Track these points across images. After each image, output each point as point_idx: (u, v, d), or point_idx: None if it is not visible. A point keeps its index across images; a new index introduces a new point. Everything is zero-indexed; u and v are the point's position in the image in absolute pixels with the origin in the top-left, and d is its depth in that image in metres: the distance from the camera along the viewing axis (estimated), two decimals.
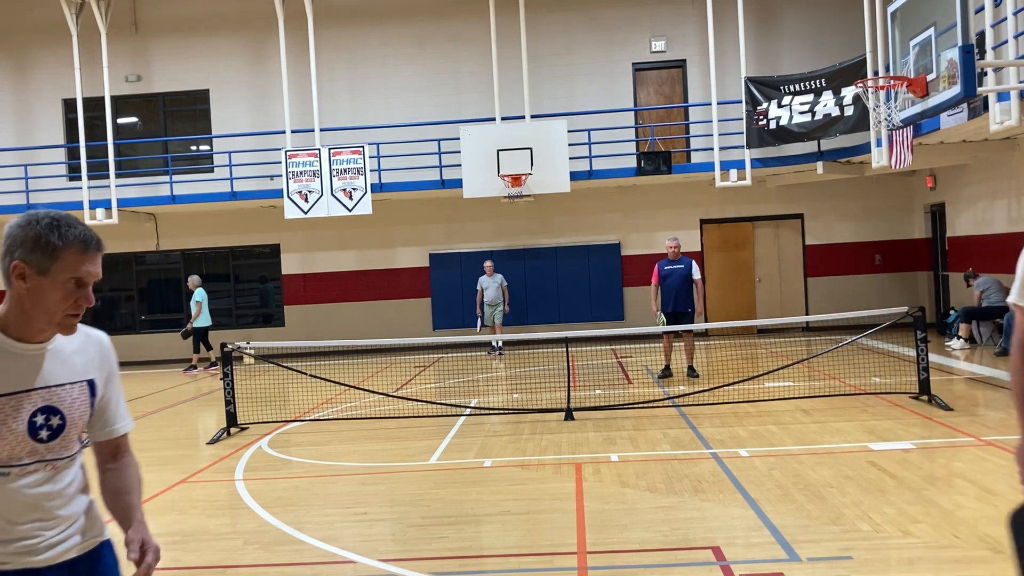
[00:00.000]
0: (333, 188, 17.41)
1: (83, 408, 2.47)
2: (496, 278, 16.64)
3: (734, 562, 5.07)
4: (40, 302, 2.27)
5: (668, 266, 12.68)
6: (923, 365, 9.63)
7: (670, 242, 12.85)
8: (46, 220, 2.27)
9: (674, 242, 12.82)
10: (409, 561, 5.40)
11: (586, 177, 17.83)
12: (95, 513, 2.63)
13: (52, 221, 2.27)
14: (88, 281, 2.32)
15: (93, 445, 2.63)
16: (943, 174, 17.05)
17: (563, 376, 13.04)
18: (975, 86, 8.42)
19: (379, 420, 10.52)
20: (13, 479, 2.34)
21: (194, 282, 17.19)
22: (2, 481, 2.33)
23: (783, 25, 18.95)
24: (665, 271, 12.67)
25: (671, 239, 12.94)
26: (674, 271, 12.60)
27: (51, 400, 2.37)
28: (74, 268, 2.28)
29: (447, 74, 19.33)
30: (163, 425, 11.35)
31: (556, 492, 6.83)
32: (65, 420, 2.40)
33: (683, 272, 12.55)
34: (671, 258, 12.72)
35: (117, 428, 2.65)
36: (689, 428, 9.06)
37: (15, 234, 2.27)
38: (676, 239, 12.94)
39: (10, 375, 2.30)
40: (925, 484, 6.50)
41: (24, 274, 2.25)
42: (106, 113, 18.21)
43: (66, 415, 2.41)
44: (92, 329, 2.57)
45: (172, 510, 6.98)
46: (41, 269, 2.25)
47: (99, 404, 2.55)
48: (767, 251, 19.37)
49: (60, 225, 2.27)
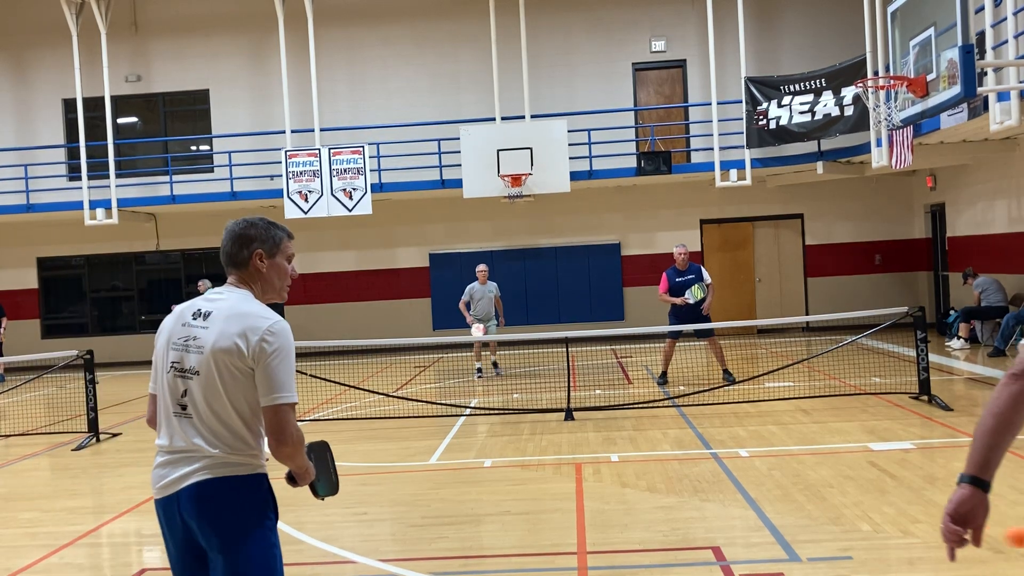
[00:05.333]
0: (333, 188, 17.41)
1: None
2: (490, 287, 13.72)
3: (734, 562, 5.07)
4: (271, 278, 3.19)
5: (679, 278, 11.80)
6: (923, 365, 9.63)
7: (678, 249, 11.92)
8: (262, 222, 3.23)
9: (682, 248, 11.90)
10: (409, 561, 5.40)
11: (586, 177, 17.83)
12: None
13: (268, 221, 3.25)
14: (292, 259, 3.30)
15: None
16: (943, 174, 17.05)
17: (563, 376, 13.04)
18: (975, 86, 8.41)
19: (379, 420, 10.52)
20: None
21: (205, 285, 17.09)
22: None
23: (783, 25, 18.95)
24: (676, 284, 11.79)
25: (679, 246, 11.99)
26: (685, 283, 11.73)
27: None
28: (286, 251, 3.25)
29: (447, 74, 19.33)
30: None
31: (556, 492, 6.83)
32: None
33: (689, 284, 11.74)
34: (679, 267, 11.85)
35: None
36: (689, 428, 9.06)
37: (249, 233, 3.17)
38: (684, 246, 12.01)
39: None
40: (925, 484, 6.50)
41: (262, 258, 3.16)
42: (106, 113, 18.21)
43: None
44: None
45: None
46: (270, 254, 3.18)
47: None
48: (767, 251, 19.37)
49: (272, 224, 3.26)
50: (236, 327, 2.94)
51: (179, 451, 2.95)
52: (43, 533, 6.53)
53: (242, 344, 2.91)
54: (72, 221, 18.98)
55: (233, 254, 3.16)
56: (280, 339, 2.96)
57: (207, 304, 3.07)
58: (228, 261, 3.19)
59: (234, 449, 2.93)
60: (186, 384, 2.96)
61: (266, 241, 3.18)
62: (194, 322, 3.02)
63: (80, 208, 18.22)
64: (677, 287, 11.81)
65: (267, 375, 2.90)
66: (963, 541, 2.41)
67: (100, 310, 20.84)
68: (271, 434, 2.92)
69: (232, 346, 2.90)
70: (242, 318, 2.97)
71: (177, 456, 2.95)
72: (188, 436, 2.93)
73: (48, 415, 12.50)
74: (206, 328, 2.97)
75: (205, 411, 2.92)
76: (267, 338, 2.92)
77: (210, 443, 2.91)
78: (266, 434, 2.95)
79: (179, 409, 2.96)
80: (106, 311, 20.85)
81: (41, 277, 20.58)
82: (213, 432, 2.91)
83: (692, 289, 11.67)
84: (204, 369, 2.92)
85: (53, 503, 7.47)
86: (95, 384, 10.16)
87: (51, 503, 7.48)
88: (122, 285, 20.72)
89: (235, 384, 2.91)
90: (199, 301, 3.12)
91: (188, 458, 2.92)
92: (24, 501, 7.60)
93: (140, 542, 6.42)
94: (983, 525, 2.29)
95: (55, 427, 11.15)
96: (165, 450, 2.99)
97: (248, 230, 3.17)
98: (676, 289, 11.81)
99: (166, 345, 3.06)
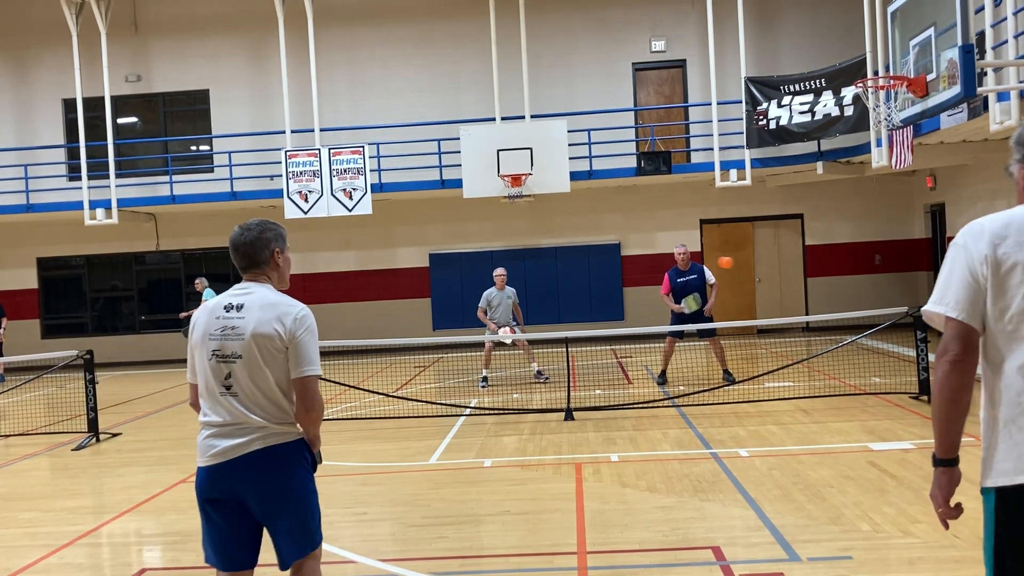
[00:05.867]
0: (333, 188, 17.41)
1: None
2: (508, 292, 12.92)
3: (734, 562, 5.07)
4: (285, 270, 3.72)
5: (680, 278, 11.76)
6: (923, 365, 9.63)
7: (679, 249, 11.88)
8: (271, 223, 3.74)
9: (683, 248, 11.86)
10: (409, 561, 5.41)
11: (586, 177, 17.83)
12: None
13: (272, 222, 3.76)
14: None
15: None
16: (943, 174, 17.05)
17: (563, 376, 13.04)
18: (975, 86, 8.41)
19: (379, 420, 10.52)
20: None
21: (202, 283, 17.09)
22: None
23: (783, 25, 18.95)
24: (678, 284, 11.74)
25: (679, 246, 11.96)
26: (688, 284, 11.70)
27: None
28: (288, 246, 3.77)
29: (447, 74, 19.33)
30: (163, 425, 11.35)
31: (556, 492, 6.83)
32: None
33: (697, 284, 11.71)
34: (681, 267, 11.80)
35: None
36: (689, 428, 9.06)
37: (267, 235, 3.67)
38: (684, 245, 11.97)
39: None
40: (925, 484, 6.49)
41: (278, 254, 3.68)
42: (106, 113, 18.21)
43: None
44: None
45: (172, 510, 6.99)
46: (283, 250, 3.72)
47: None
48: (767, 251, 19.37)
49: (276, 223, 3.77)
50: (271, 314, 3.49)
51: (228, 424, 3.48)
52: (43, 533, 6.53)
53: (279, 328, 3.47)
54: (72, 221, 18.98)
55: (254, 255, 3.63)
56: (307, 321, 3.54)
57: (236, 298, 3.57)
58: (249, 262, 3.65)
59: (276, 419, 3.49)
60: (229, 367, 3.48)
61: (280, 239, 3.72)
62: (228, 314, 3.53)
63: (80, 208, 18.22)
64: (679, 287, 11.78)
65: (298, 352, 3.47)
66: (960, 511, 2.64)
67: (100, 310, 20.83)
68: (301, 401, 3.49)
69: (271, 331, 3.46)
70: (274, 307, 3.52)
71: (227, 429, 3.48)
72: (235, 411, 3.47)
73: (48, 415, 12.50)
74: (243, 318, 3.50)
75: (249, 388, 3.47)
76: (297, 322, 3.50)
77: (256, 415, 3.47)
78: (296, 401, 3.51)
79: (224, 389, 3.49)
80: (106, 311, 20.84)
81: (41, 277, 20.59)
82: (258, 405, 3.47)
83: (687, 300, 11.67)
84: (246, 352, 3.46)
85: (53, 503, 7.47)
86: (95, 384, 10.15)
87: (51, 503, 7.48)
88: (122, 285, 20.71)
89: (274, 363, 3.47)
90: (226, 297, 3.60)
91: (238, 430, 3.47)
92: (24, 501, 7.60)
93: (140, 542, 6.42)
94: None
95: (55, 427, 11.15)
96: (213, 425, 3.51)
97: (265, 233, 3.66)
98: (678, 290, 11.78)
99: (203, 337, 3.54)
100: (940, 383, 2.56)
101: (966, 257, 2.55)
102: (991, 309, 2.53)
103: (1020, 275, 2.49)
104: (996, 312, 2.52)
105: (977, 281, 2.53)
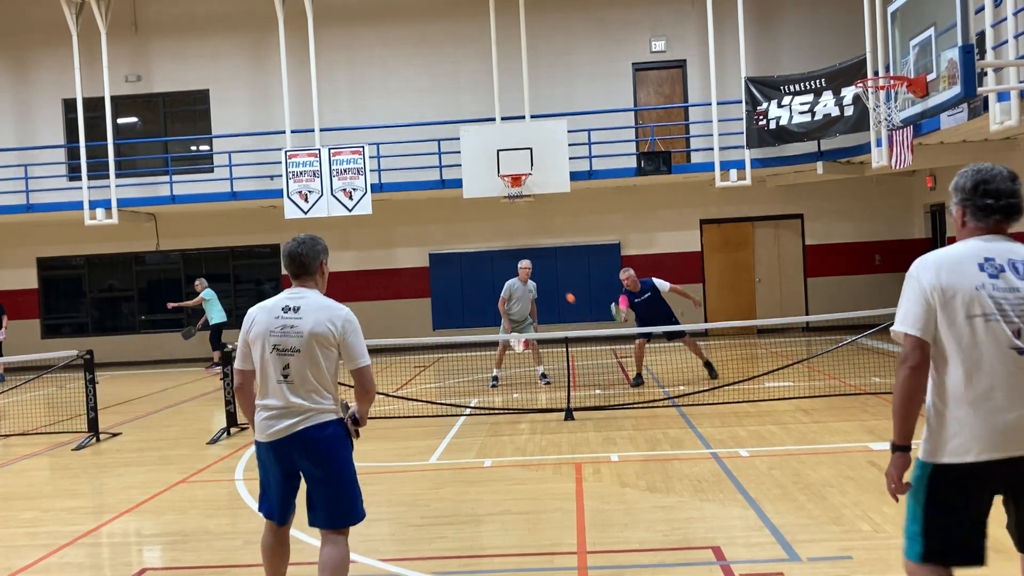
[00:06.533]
0: (333, 188, 17.41)
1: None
2: (531, 286, 12.95)
3: (734, 562, 5.07)
4: (326, 277, 4.40)
5: (636, 299, 12.16)
6: None
7: (623, 275, 12.25)
8: (319, 238, 4.38)
9: (627, 274, 12.22)
10: (409, 561, 5.41)
11: (586, 177, 17.83)
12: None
13: (318, 237, 4.38)
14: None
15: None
16: (943, 174, 17.05)
17: (563, 376, 13.04)
18: (975, 86, 8.41)
19: (379, 420, 10.51)
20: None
21: (202, 284, 17.06)
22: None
23: (783, 25, 18.95)
24: (635, 304, 12.18)
25: (624, 271, 12.32)
26: (644, 302, 12.11)
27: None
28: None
29: (447, 74, 19.33)
30: (163, 425, 11.35)
31: (556, 492, 6.83)
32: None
33: (649, 300, 12.06)
34: (632, 289, 12.16)
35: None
36: (689, 428, 9.06)
37: (316, 248, 4.32)
38: (628, 270, 12.28)
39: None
40: None
41: (324, 264, 4.36)
42: (106, 113, 18.21)
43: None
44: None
45: (172, 510, 6.99)
46: (326, 261, 4.39)
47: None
48: (767, 251, 19.37)
49: (323, 240, 4.41)
50: (324, 316, 4.19)
51: (285, 407, 4.18)
52: (43, 533, 6.53)
53: (331, 328, 4.17)
54: (72, 221, 18.98)
55: (307, 264, 4.29)
56: (353, 322, 4.25)
57: (292, 301, 4.24)
58: (301, 270, 4.30)
59: (323, 403, 4.21)
60: (287, 359, 4.16)
61: (326, 252, 4.39)
62: (286, 315, 4.20)
63: (80, 208, 18.22)
64: (637, 307, 12.21)
65: (349, 349, 4.22)
66: (908, 486, 3.45)
67: (100, 310, 20.84)
68: (360, 387, 4.29)
69: (325, 331, 4.17)
70: (326, 309, 4.21)
71: (282, 411, 4.18)
72: (290, 397, 4.17)
73: (48, 415, 12.50)
74: (300, 319, 4.17)
75: (305, 377, 4.16)
76: (345, 323, 4.21)
77: (308, 399, 4.18)
78: (356, 386, 4.30)
79: (282, 378, 4.17)
80: (106, 311, 20.85)
81: (41, 277, 20.59)
82: (311, 391, 4.18)
83: (613, 310, 12.19)
84: (304, 347, 4.14)
85: (53, 503, 7.47)
86: (95, 384, 10.16)
87: (51, 503, 7.48)
88: (122, 285, 20.72)
89: (326, 356, 4.19)
90: (282, 299, 4.27)
91: (291, 413, 4.17)
92: (24, 501, 7.61)
93: (140, 542, 6.42)
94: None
95: (55, 427, 11.15)
96: (271, 407, 4.21)
97: (316, 245, 4.33)
98: (639, 309, 12.22)
99: (264, 333, 4.21)
100: (902, 385, 3.22)
101: (919, 286, 3.23)
102: (940, 326, 3.19)
103: (960, 299, 3.17)
104: (944, 329, 3.19)
105: (930, 304, 3.20)
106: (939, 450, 3.26)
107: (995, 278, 3.22)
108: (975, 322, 3.18)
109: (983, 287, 3.20)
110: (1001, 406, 3.17)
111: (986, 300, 3.18)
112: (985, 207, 3.36)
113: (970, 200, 3.39)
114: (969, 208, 3.38)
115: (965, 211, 3.39)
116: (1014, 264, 3.25)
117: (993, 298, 3.19)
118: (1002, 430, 3.18)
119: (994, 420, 3.18)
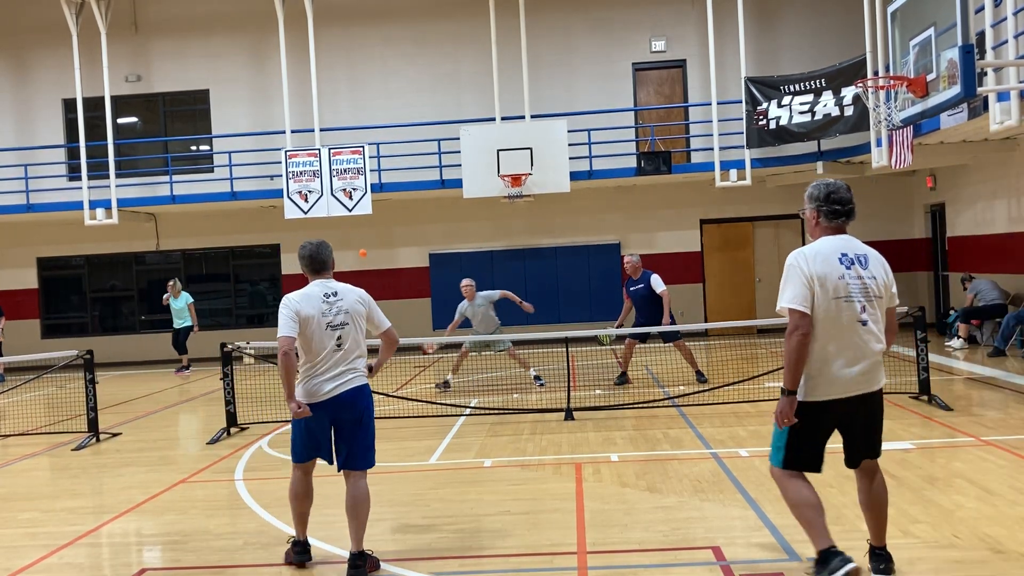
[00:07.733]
0: (333, 188, 17.41)
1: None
2: (479, 301, 12.78)
3: (734, 562, 5.07)
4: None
5: (632, 287, 12.14)
6: (923, 365, 9.64)
7: (627, 258, 12.24)
8: (326, 242, 5.55)
9: (630, 258, 12.20)
10: (409, 561, 5.41)
11: (586, 177, 17.83)
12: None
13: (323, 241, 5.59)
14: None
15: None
16: (943, 174, 17.05)
17: (563, 376, 13.04)
18: (975, 86, 8.40)
19: (379, 420, 10.45)
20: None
21: (176, 286, 17.19)
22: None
23: (783, 25, 18.95)
24: (630, 292, 12.17)
25: (629, 255, 12.32)
26: (636, 292, 12.07)
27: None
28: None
29: (447, 74, 19.34)
30: (163, 425, 11.35)
31: (556, 492, 6.83)
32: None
33: (642, 292, 11.97)
34: (632, 275, 12.15)
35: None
36: (689, 428, 9.06)
37: (329, 248, 5.54)
38: (632, 256, 12.27)
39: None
40: (925, 484, 6.50)
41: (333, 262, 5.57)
42: (106, 113, 18.21)
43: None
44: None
45: (172, 510, 6.99)
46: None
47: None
48: (767, 251, 19.36)
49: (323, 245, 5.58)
50: (355, 296, 5.41)
51: (337, 371, 5.24)
52: (43, 533, 6.53)
53: (361, 304, 5.41)
54: (72, 221, 18.98)
55: (326, 261, 5.45)
56: (370, 298, 5.50)
57: (329, 288, 5.35)
58: (322, 267, 5.43)
59: (362, 362, 5.38)
60: (339, 332, 5.26)
61: (332, 251, 5.56)
62: (331, 299, 5.31)
63: (80, 208, 18.22)
64: (632, 295, 12.15)
65: (375, 317, 5.48)
66: (795, 421, 4.42)
67: (100, 310, 20.84)
68: (391, 341, 5.56)
69: (359, 307, 5.39)
70: (354, 291, 5.44)
71: (336, 373, 5.24)
72: (342, 363, 5.25)
73: (48, 415, 12.50)
74: (341, 300, 5.33)
75: (353, 344, 5.30)
76: (370, 299, 5.49)
77: (353, 363, 5.30)
78: (384, 342, 5.58)
79: (336, 347, 5.24)
80: (106, 311, 20.85)
81: (41, 277, 20.59)
82: (355, 355, 5.32)
83: (606, 333, 12.15)
84: (352, 321, 5.31)
85: (53, 503, 7.47)
86: (95, 384, 10.16)
87: (51, 503, 7.48)
88: (122, 285, 20.72)
89: (362, 325, 5.40)
90: (319, 289, 5.35)
91: (343, 375, 5.26)
92: (24, 501, 7.60)
93: (140, 542, 6.42)
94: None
95: (55, 427, 11.15)
96: (324, 371, 5.23)
97: (328, 248, 5.51)
98: (632, 296, 12.15)
99: (319, 313, 5.24)
100: (795, 349, 4.34)
101: (800, 272, 4.34)
102: (816, 304, 4.32)
103: (829, 284, 4.32)
104: (818, 306, 4.32)
105: (810, 287, 4.32)
106: (804, 393, 4.41)
107: (849, 269, 4.35)
108: (839, 302, 4.33)
109: (843, 276, 4.33)
110: (848, 362, 4.36)
111: (844, 285, 4.34)
112: (835, 212, 4.46)
113: (824, 206, 4.47)
114: (823, 212, 4.48)
115: (819, 214, 4.49)
116: (859, 257, 4.41)
117: (848, 284, 4.34)
118: (847, 379, 4.38)
119: (842, 372, 4.37)
